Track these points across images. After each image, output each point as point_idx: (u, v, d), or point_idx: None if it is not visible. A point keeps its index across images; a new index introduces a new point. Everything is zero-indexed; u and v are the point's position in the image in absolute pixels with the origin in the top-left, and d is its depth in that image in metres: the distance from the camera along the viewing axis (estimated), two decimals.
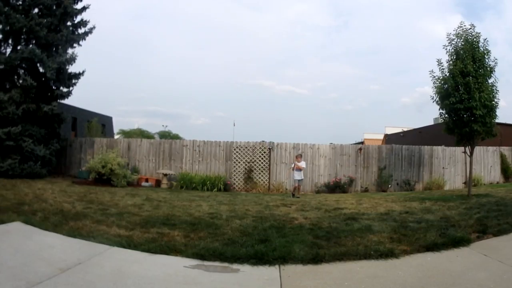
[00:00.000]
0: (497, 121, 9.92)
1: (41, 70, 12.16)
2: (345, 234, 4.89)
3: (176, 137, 27.81)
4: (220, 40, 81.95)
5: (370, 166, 13.39)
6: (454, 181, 14.13)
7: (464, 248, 4.36)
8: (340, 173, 13.16)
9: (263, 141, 13.55)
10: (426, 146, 14.02)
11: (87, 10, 13.17)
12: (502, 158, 15.43)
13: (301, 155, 11.68)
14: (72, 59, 12.70)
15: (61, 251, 3.83)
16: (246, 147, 13.08)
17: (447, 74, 9.68)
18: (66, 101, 14.28)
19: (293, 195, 10.57)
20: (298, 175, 10.91)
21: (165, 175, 12.47)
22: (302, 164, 11.22)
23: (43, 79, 12.17)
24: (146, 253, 3.93)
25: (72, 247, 4.00)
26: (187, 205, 7.77)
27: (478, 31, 9.52)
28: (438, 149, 14.03)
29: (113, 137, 24.92)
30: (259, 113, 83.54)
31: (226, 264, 3.69)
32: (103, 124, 24.39)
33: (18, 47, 11.92)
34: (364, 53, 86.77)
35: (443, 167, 13.94)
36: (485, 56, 9.45)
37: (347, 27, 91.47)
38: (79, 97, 42.60)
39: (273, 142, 13.23)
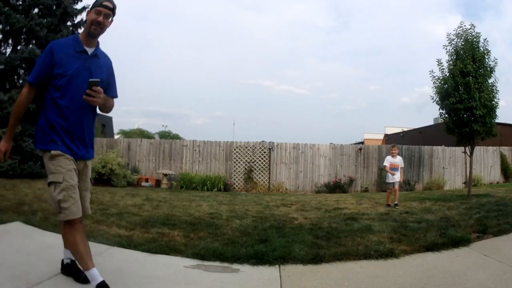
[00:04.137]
0: (497, 121, 9.93)
1: None
2: (345, 234, 4.88)
3: (176, 137, 27.86)
4: (220, 40, 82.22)
5: (370, 166, 13.39)
6: (454, 181, 14.12)
7: (464, 248, 4.35)
8: (340, 173, 13.16)
9: (263, 141, 13.57)
10: (426, 146, 14.02)
11: (87, 10, 13.19)
12: (502, 158, 15.44)
13: (396, 146, 8.68)
14: None
15: (61, 251, 3.82)
16: (246, 147, 13.08)
17: (447, 74, 9.68)
18: None
19: (394, 204, 7.64)
20: (394, 176, 8.03)
21: (165, 175, 12.47)
22: (398, 160, 8.20)
23: None
24: (146, 253, 3.92)
25: None
26: (187, 205, 7.77)
27: (478, 31, 9.55)
28: (438, 149, 14.03)
29: (113, 137, 24.95)
30: (259, 113, 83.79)
31: (226, 264, 3.68)
32: (103, 124, 24.41)
33: (18, 47, 11.92)
34: (364, 53, 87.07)
35: (443, 167, 13.94)
36: (485, 56, 9.45)
37: (347, 27, 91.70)
38: None
39: (273, 142, 13.23)
